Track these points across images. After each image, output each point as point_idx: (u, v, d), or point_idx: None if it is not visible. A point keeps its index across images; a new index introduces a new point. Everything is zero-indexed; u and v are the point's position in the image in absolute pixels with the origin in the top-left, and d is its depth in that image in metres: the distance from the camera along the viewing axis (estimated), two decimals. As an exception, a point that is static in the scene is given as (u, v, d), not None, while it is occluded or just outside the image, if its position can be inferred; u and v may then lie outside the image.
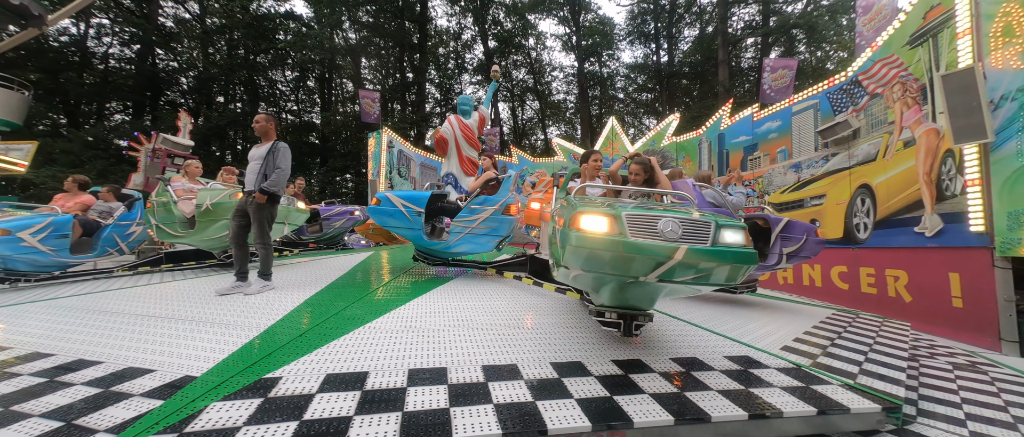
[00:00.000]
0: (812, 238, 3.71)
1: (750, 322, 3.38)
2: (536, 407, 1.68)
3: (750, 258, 1.87)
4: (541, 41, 30.43)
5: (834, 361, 2.48)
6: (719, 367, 2.26)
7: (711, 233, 1.88)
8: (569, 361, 2.22)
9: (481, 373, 2.01)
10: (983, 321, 4.37)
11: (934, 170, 5.06)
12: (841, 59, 20.95)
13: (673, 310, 3.46)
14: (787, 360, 2.39)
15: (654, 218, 1.88)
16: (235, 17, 22.60)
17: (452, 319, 2.87)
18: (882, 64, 5.99)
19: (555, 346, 2.43)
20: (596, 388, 1.91)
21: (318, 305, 3.19)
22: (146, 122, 19.68)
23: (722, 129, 10.25)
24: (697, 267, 1.81)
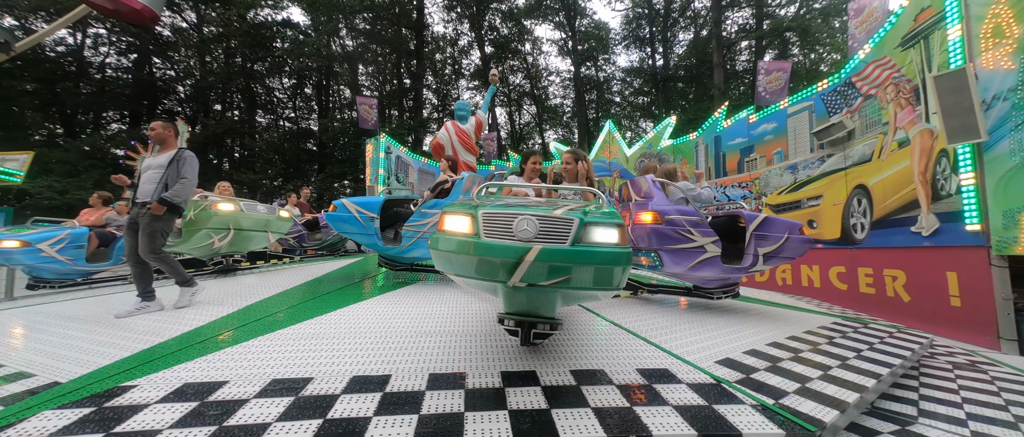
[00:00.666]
0: (795, 237, 3.39)
1: (717, 330, 3.07)
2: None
3: (616, 258, 1.68)
4: (537, 46, 30.64)
5: (775, 377, 2.16)
6: (620, 381, 1.98)
7: (572, 232, 1.70)
8: (449, 372, 1.99)
9: (345, 383, 1.85)
10: (982, 320, 4.37)
11: (929, 170, 5.10)
12: (834, 61, 21.15)
13: (647, 315, 3.31)
14: (712, 375, 2.10)
15: (511, 216, 1.73)
16: (232, 26, 22.66)
17: (360, 327, 2.67)
18: (875, 66, 6.05)
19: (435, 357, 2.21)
20: (455, 402, 1.69)
21: (242, 314, 3.05)
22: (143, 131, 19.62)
23: (718, 131, 10.31)
24: (555, 269, 1.63)
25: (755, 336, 2.97)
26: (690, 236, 3.34)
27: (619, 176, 13.64)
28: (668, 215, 3.38)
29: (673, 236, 3.37)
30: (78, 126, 20.34)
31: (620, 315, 3.30)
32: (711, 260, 3.36)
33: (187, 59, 23.60)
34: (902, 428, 2.09)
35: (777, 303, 5.06)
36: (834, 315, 4.30)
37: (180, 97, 23.86)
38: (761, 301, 5.02)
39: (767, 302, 4.98)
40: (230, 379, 1.86)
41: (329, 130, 25.56)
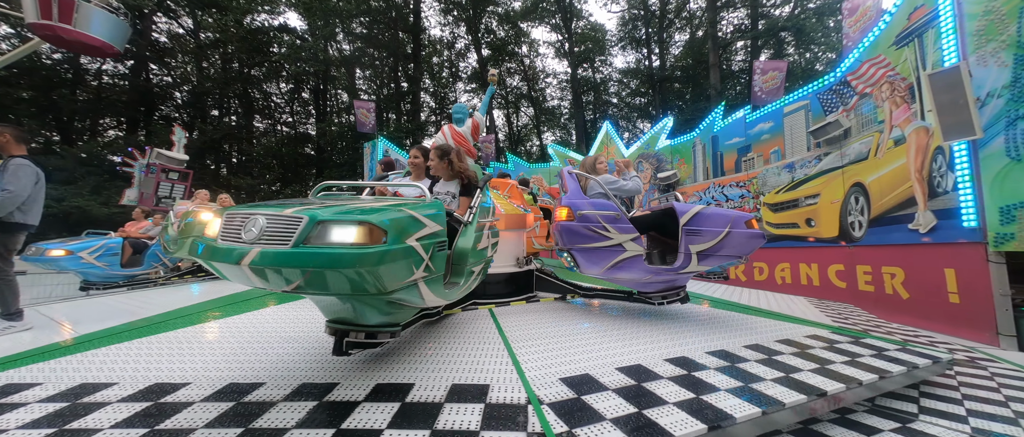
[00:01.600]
0: (738, 231, 2.75)
1: (617, 340, 2.70)
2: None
3: (349, 260, 1.50)
4: (534, 48, 30.73)
5: (606, 402, 1.82)
6: (423, 398, 1.85)
7: (297, 232, 1.53)
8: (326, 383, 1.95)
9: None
10: (980, 316, 4.39)
11: (925, 167, 5.12)
12: (829, 60, 21.28)
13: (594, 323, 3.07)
14: (532, 394, 1.84)
15: (246, 217, 1.62)
16: (229, 31, 22.67)
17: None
18: (870, 64, 6.08)
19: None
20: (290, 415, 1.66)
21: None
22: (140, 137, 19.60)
23: (715, 131, 10.35)
24: (284, 273, 1.50)
25: (658, 349, 2.53)
26: (606, 234, 2.92)
27: (617, 177, 13.67)
28: (580, 210, 3.01)
29: (586, 234, 2.98)
30: (75, 133, 20.28)
31: (520, 323, 2.97)
32: (631, 261, 2.91)
33: (184, 65, 23.59)
34: (903, 425, 2.09)
35: (747, 308, 4.23)
36: (815, 325, 3.41)
37: (177, 103, 23.83)
38: (733, 305, 4.27)
39: (738, 307, 4.20)
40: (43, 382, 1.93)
41: (327, 134, 25.55)
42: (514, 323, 3.07)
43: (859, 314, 5.10)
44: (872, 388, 2.17)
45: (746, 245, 2.82)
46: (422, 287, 1.91)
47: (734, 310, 3.90)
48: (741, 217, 2.84)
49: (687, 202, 2.97)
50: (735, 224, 2.81)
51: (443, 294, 2.17)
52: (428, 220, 1.88)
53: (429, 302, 2.08)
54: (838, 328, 3.35)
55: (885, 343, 2.93)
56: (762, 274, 7.90)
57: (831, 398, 1.96)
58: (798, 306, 5.21)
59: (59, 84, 18.85)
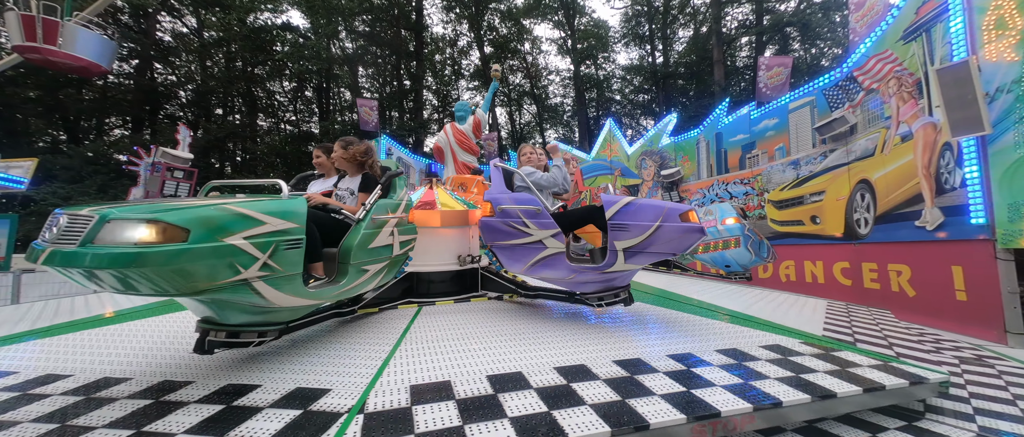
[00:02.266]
0: (669, 226, 2.43)
1: (527, 344, 2.48)
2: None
3: (123, 259, 1.44)
4: (537, 46, 30.63)
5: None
6: (262, 401, 1.77)
7: (86, 232, 1.49)
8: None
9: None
10: (988, 314, 4.34)
11: (933, 163, 5.06)
12: (835, 55, 21.06)
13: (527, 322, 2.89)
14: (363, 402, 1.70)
15: (69, 215, 1.61)
16: (232, 30, 22.75)
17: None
18: (876, 59, 6.01)
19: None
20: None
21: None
22: (145, 136, 19.76)
23: (719, 128, 10.28)
24: (82, 272, 1.48)
25: (544, 356, 2.28)
26: (525, 230, 2.74)
27: (620, 174, 13.62)
28: (501, 205, 2.87)
29: (506, 230, 2.85)
30: (81, 132, 20.47)
31: (436, 324, 2.80)
32: (553, 258, 2.71)
33: (188, 64, 23.71)
34: (908, 424, 2.08)
35: (710, 308, 3.76)
36: (776, 332, 2.96)
37: (181, 102, 23.98)
38: (696, 304, 3.85)
39: (704, 307, 3.73)
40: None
41: (330, 132, 25.59)
42: (431, 324, 2.85)
43: (886, 319, 4.45)
44: (813, 409, 1.86)
45: (680, 241, 2.49)
46: (262, 287, 1.82)
47: (700, 312, 3.47)
48: (675, 210, 2.50)
49: (616, 194, 2.67)
50: (667, 217, 2.48)
51: (306, 294, 2.08)
52: (269, 217, 1.81)
53: (279, 302, 1.96)
54: (811, 337, 2.89)
55: (869, 357, 2.48)
56: (766, 272, 7.86)
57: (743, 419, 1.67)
58: (808, 311, 4.47)
59: (66, 84, 19.00)
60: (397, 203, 2.75)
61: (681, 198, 11.89)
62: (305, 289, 2.06)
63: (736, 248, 5.78)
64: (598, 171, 14.11)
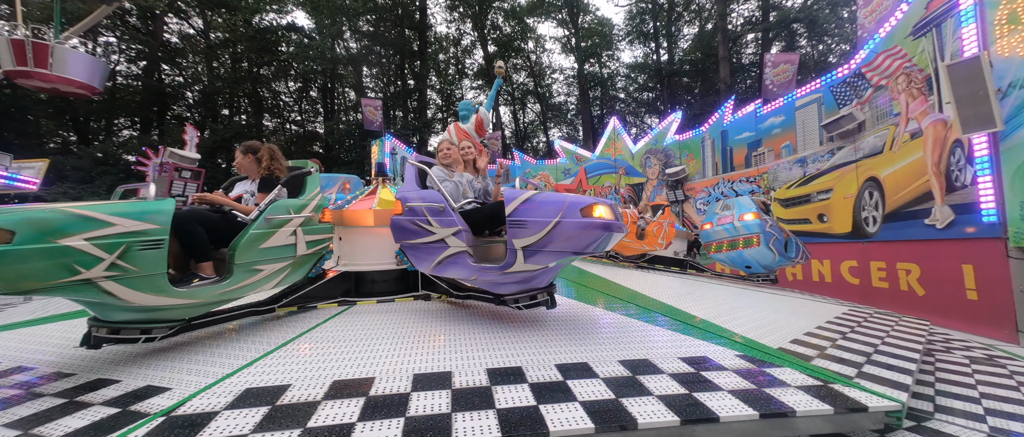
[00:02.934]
0: (569, 221, 2.21)
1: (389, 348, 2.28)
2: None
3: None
4: (540, 44, 30.57)
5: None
6: (98, 397, 1.76)
7: None
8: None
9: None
10: (999, 313, 4.28)
11: (943, 161, 4.99)
12: (843, 52, 20.81)
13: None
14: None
15: None
16: (238, 31, 22.93)
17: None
18: (885, 55, 5.93)
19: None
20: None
21: None
22: (153, 137, 19.99)
23: (725, 126, 10.20)
24: None
25: (404, 362, 2.08)
26: (429, 228, 2.64)
27: (625, 173, 13.57)
28: (408, 203, 2.79)
29: (412, 228, 2.76)
30: (91, 133, 20.76)
31: (349, 323, 2.74)
32: (456, 258, 2.58)
33: (195, 65, 23.95)
34: (918, 424, 2.06)
35: (665, 310, 3.28)
36: (714, 339, 2.54)
37: (188, 103, 24.22)
38: (654, 307, 3.32)
39: (651, 311, 3.23)
40: None
41: (335, 132, 25.78)
42: (346, 323, 2.76)
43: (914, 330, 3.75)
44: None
45: (579, 238, 2.23)
46: (113, 286, 1.86)
47: (644, 316, 3.06)
48: (577, 204, 2.27)
49: (523, 190, 2.47)
50: (567, 212, 2.25)
51: (176, 294, 2.10)
52: (119, 219, 1.84)
53: (140, 302, 1.99)
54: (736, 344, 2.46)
55: (813, 376, 1.97)
56: (794, 273, 7.81)
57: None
58: (806, 310, 3.91)
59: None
60: (303, 204, 2.73)
61: (686, 197, 11.82)
62: (173, 289, 2.09)
63: (756, 247, 5.28)
64: (602, 170, 14.07)
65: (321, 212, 2.90)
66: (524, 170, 15.78)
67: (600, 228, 2.23)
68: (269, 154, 2.82)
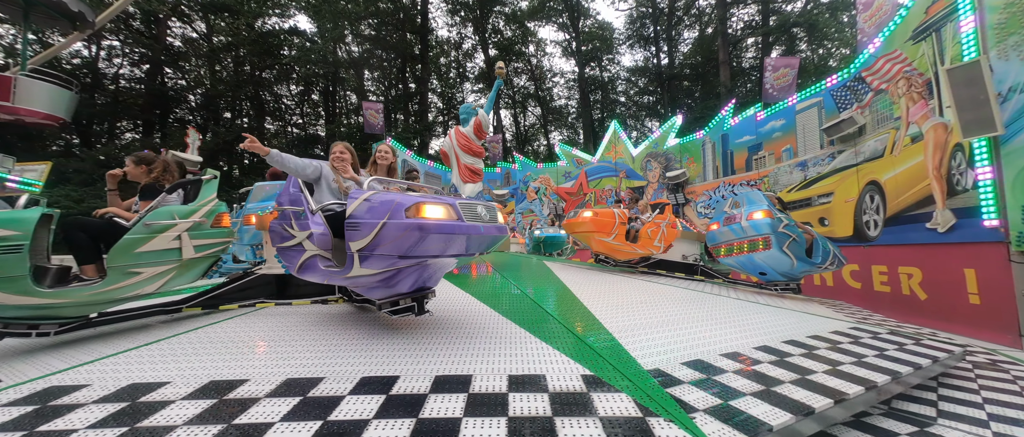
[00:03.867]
0: (395, 222, 2.05)
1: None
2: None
3: None
4: (541, 48, 30.71)
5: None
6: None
7: None
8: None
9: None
10: (1002, 317, 4.26)
11: (944, 165, 4.99)
12: (843, 56, 20.86)
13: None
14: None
15: None
16: (241, 35, 23.08)
17: None
18: (885, 60, 5.95)
19: None
20: None
21: None
22: (156, 140, 20.08)
23: (725, 129, 10.21)
24: None
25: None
26: (291, 231, 2.62)
27: (625, 176, 13.58)
28: (280, 207, 2.73)
29: (280, 232, 2.70)
30: (93, 136, 20.85)
31: (245, 325, 2.75)
32: (312, 261, 2.50)
33: (197, 68, 24.08)
34: (920, 429, 2.04)
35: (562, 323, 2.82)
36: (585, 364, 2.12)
37: (191, 106, 24.34)
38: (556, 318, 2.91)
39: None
40: None
41: (336, 136, 25.83)
42: (234, 326, 2.77)
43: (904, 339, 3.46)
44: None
45: (401, 241, 2.06)
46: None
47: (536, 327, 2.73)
48: (403, 204, 2.10)
49: (370, 189, 2.32)
50: (393, 213, 2.09)
51: (42, 294, 2.27)
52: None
53: (6, 301, 2.18)
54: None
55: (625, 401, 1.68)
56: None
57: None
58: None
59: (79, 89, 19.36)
60: (191, 210, 2.80)
61: (686, 200, 11.81)
62: (38, 289, 2.26)
63: (767, 251, 4.44)
64: (603, 173, 14.08)
65: (214, 217, 2.92)
66: (524, 173, 15.79)
67: (415, 230, 2.03)
68: (162, 166, 2.97)
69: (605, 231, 5.96)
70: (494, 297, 3.64)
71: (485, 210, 2.34)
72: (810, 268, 4.63)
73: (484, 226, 2.25)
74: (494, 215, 2.41)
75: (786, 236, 4.44)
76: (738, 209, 4.87)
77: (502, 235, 2.41)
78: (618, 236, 5.95)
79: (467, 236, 2.17)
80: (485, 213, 2.33)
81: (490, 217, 2.34)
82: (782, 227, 4.45)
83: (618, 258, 6.40)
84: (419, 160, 15.24)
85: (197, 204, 2.86)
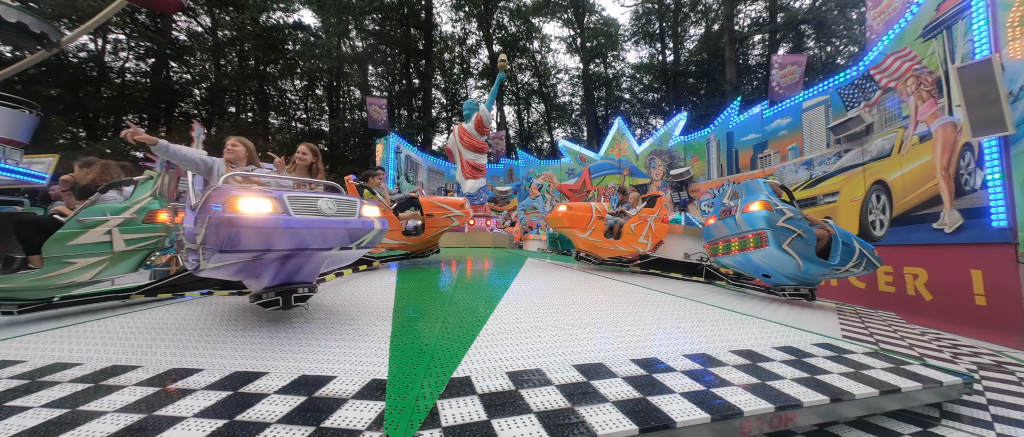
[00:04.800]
0: (214, 217, 2.03)
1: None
2: None
3: None
4: (546, 44, 30.57)
5: None
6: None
7: None
8: None
9: None
10: (1008, 319, 4.22)
11: (952, 164, 4.93)
12: (852, 53, 20.61)
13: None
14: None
15: None
16: (246, 29, 23.11)
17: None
18: (895, 57, 5.87)
19: None
20: None
21: None
22: (161, 133, 20.20)
23: (731, 127, 10.14)
24: None
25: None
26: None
27: (629, 173, 13.53)
28: (192, 204, 2.85)
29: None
30: (99, 129, 20.99)
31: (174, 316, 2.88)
32: (188, 252, 2.60)
33: (202, 62, 24.15)
34: (923, 430, 2.03)
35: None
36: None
37: (196, 100, 24.44)
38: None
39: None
40: None
41: (340, 131, 25.93)
42: (168, 314, 2.92)
43: (898, 323, 3.90)
44: None
45: (218, 235, 2.00)
46: None
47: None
48: (224, 194, 2.07)
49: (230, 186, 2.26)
50: (214, 208, 2.05)
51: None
52: None
53: None
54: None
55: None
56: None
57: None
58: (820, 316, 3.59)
59: (85, 82, 19.50)
60: (122, 207, 3.06)
61: (690, 198, 11.76)
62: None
63: (760, 249, 3.76)
64: (607, 170, 14.03)
65: (146, 214, 3.20)
66: (527, 169, 15.76)
67: (228, 225, 1.97)
68: (100, 168, 3.34)
69: (580, 226, 5.40)
70: (418, 292, 3.72)
71: (330, 204, 2.30)
72: (825, 271, 3.92)
73: (324, 220, 2.22)
74: (346, 209, 2.37)
75: (787, 232, 3.70)
76: (737, 201, 4.21)
77: (364, 229, 2.38)
78: (595, 232, 5.37)
79: (296, 231, 2.12)
80: (328, 207, 2.29)
81: (337, 211, 2.31)
82: (783, 221, 3.71)
83: (601, 256, 5.70)
84: (422, 156, 15.25)
85: (128, 202, 3.11)
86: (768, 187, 3.99)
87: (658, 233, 5.53)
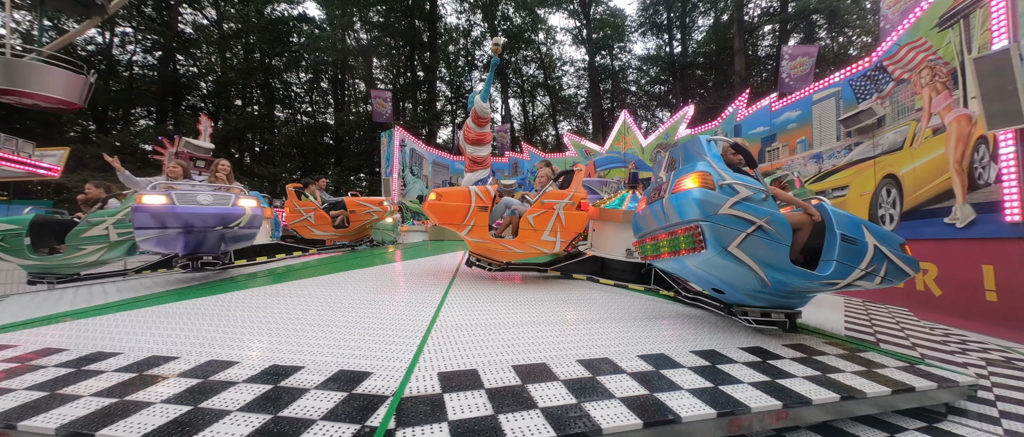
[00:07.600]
0: (135, 206, 3.62)
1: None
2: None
3: None
4: (551, 35, 30.22)
5: None
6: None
7: None
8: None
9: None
10: (1020, 315, 4.17)
11: (966, 158, 4.84)
12: (864, 44, 20.15)
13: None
14: None
15: None
16: (251, 22, 23.12)
17: None
18: (909, 48, 5.73)
19: None
20: None
21: None
22: (169, 126, 20.38)
23: (738, 120, 10.01)
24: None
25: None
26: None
27: (634, 167, 13.43)
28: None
29: None
30: (109, 122, 21.22)
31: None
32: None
33: (209, 55, 24.24)
34: (929, 425, 2.02)
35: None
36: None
37: (202, 93, 24.58)
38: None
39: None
40: None
41: (345, 124, 25.97)
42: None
43: (906, 318, 4.53)
44: None
45: (135, 219, 3.39)
46: (3, 255, 4.01)
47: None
48: (141, 194, 3.45)
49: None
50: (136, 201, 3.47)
51: (32, 257, 4.02)
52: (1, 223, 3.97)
53: (19, 262, 4.13)
54: None
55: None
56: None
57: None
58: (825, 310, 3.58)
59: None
60: (116, 210, 4.25)
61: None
62: (31, 256, 4.02)
63: (696, 254, 2.26)
64: (612, 163, 13.94)
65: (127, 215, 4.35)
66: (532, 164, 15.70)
67: (135, 210, 3.40)
68: (106, 189, 4.52)
69: (455, 221, 3.71)
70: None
71: (207, 196, 3.64)
72: (809, 285, 2.39)
73: (202, 207, 3.55)
74: (222, 200, 3.71)
75: (737, 224, 2.19)
76: (671, 174, 2.57)
77: (235, 214, 3.73)
78: (475, 228, 3.72)
79: (179, 214, 3.43)
80: (205, 198, 3.62)
81: (213, 201, 3.65)
82: (729, 206, 2.20)
83: (499, 260, 4.14)
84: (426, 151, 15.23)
85: (121, 207, 4.33)
86: (712, 147, 2.46)
87: (571, 225, 3.76)
